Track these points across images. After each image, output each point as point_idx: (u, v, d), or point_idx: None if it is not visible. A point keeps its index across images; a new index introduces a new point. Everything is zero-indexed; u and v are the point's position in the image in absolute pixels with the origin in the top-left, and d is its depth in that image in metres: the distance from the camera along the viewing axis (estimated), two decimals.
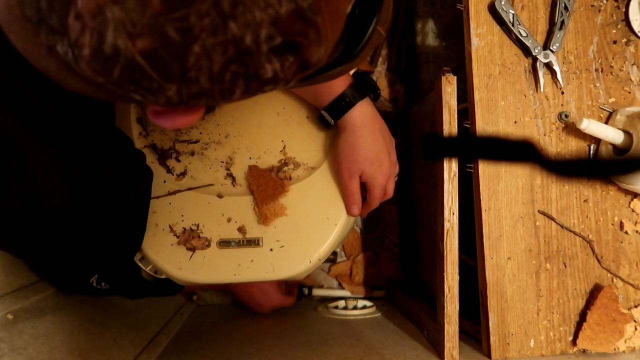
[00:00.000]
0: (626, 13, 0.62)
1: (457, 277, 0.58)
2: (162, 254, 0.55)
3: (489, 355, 0.58)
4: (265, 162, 0.58)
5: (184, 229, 0.56)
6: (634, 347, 0.59)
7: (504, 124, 0.61)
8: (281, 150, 0.58)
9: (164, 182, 0.57)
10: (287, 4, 0.21)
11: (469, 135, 0.61)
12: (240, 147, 0.58)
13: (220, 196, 0.56)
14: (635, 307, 0.60)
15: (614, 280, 0.60)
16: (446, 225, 0.58)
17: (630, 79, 0.62)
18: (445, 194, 0.58)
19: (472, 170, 0.61)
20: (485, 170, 0.60)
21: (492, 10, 0.61)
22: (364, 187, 0.58)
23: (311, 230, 0.56)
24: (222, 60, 0.21)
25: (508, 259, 0.59)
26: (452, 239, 0.58)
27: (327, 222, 0.57)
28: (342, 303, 0.86)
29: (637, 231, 0.60)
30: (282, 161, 0.58)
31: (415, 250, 0.89)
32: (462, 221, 0.59)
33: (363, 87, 0.54)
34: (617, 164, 0.53)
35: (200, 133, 0.59)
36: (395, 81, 0.98)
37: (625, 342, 0.59)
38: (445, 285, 0.57)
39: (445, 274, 0.57)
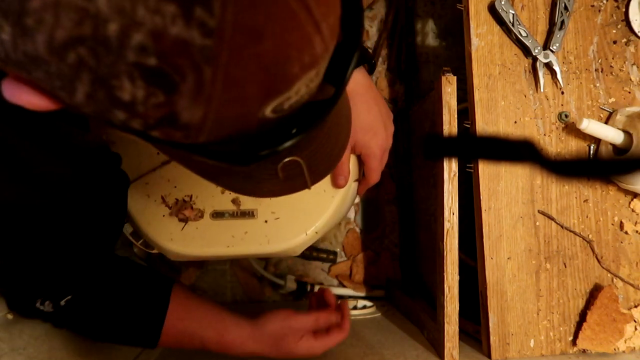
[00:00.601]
0: (626, 13, 0.62)
1: (457, 277, 0.58)
2: (153, 225, 0.54)
3: (489, 355, 0.58)
4: None
5: (177, 199, 0.54)
6: (634, 347, 0.59)
7: (504, 124, 0.61)
8: None
9: (158, 154, 0.55)
10: (180, 26, 0.17)
11: (469, 135, 0.61)
12: None
13: None
14: (635, 307, 0.60)
15: (614, 280, 0.60)
16: (446, 225, 0.58)
17: (630, 79, 0.62)
18: (445, 194, 0.58)
19: (472, 170, 0.61)
20: (485, 170, 0.60)
21: (492, 10, 0.61)
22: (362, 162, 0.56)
23: (308, 202, 0.54)
24: (71, 31, 0.16)
25: (508, 259, 0.59)
26: (452, 239, 0.58)
27: (324, 194, 0.55)
28: None
29: (637, 231, 0.60)
30: None
31: (415, 250, 0.89)
32: (462, 221, 0.59)
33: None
34: (617, 164, 0.53)
35: None
36: (395, 81, 0.98)
37: (625, 342, 0.59)
38: (445, 285, 0.57)
39: (445, 274, 0.57)
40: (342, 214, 0.62)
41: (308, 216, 0.55)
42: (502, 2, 0.60)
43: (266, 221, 0.54)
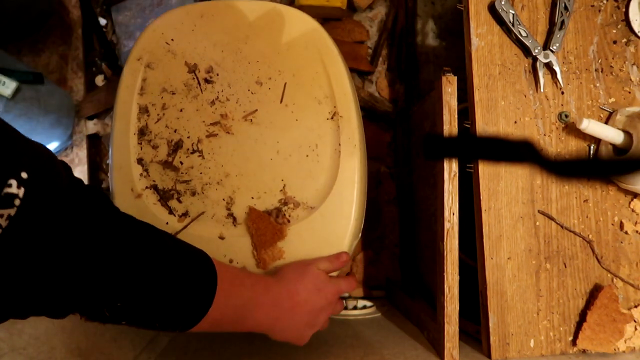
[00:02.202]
0: (626, 13, 0.62)
1: (457, 277, 0.58)
2: None
3: (489, 355, 0.58)
4: (265, 202, 0.57)
5: None
6: (634, 347, 0.59)
7: (504, 124, 0.61)
8: (281, 190, 0.57)
9: (167, 223, 0.57)
10: None
11: (469, 135, 0.62)
12: (241, 186, 0.58)
13: (221, 237, 0.57)
14: (635, 307, 0.60)
15: (614, 280, 0.60)
16: (446, 225, 0.58)
17: (630, 79, 0.62)
18: (445, 194, 0.58)
19: (472, 170, 0.61)
20: (485, 170, 0.60)
21: (492, 10, 0.61)
22: None
23: None
24: None
25: (508, 259, 0.59)
26: (453, 239, 0.58)
27: None
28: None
29: (637, 231, 0.60)
30: (282, 200, 0.57)
31: (415, 250, 0.89)
32: (462, 221, 0.59)
33: None
34: (617, 164, 0.53)
35: (201, 173, 0.58)
36: (395, 81, 0.98)
37: (625, 342, 0.59)
38: (445, 285, 0.57)
39: (445, 274, 0.57)
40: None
41: None
42: (502, 2, 0.60)
43: None
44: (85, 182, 0.62)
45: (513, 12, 0.60)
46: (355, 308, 0.85)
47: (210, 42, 0.60)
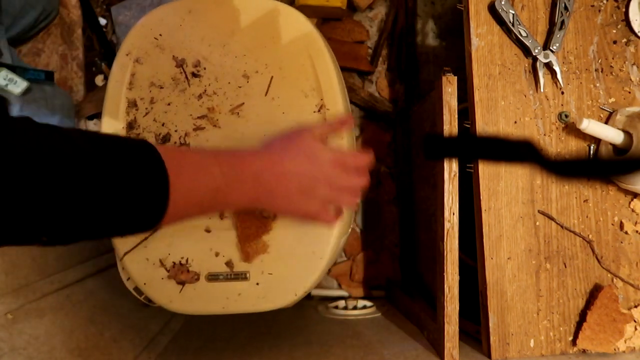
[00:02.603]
0: (626, 13, 0.62)
1: (457, 277, 0.58)
2: (154, 287, 0.56)
3: (489, 355, 0.58)
4: None
5: (174, 263, 0.57)
6: (634, 347, 0.59)
7: (504, 124, 0.61)
8: None
9: None
10: None
11: (469, 135, 0.62)
12: None
13: (208, 230, 0.57)
14: (635, 307, 0.60)
15: (614, 280, 0.60)
16: (446, 225, 0.58)
17: (630, 79, 0.62)
18: (445, 194, 0.58)
19: (472, 170, 0.61)
20: (485, 170, 0.60)
21: (492, 10, 0.61)
22: None
23: (297, 264, 0.56)
24: None
25: (508, 259, 0.59)
26: (453, 239, 0.58)
27: (313, 256, 0.56)
28: (342, 303, 0.86)
29: (637, 231, 0.60)
30: None
31: (415, 250, 0.89)
32: (462, 221, 0.59)
33: None
34: (617, 164, 0.53)
35: None
36: (395, 81, 0.98)
37: (625, 342, 0.59)
38: (445, 285, 0.57)
39: (445, 274, 0.57)
40: (330, 266, 0.64)
41: (298, 278, 0.56)
42: (502, 2, 0.60)
43: (258, 283, 0.56)
44: None
45: (513, 12, 0.60)
46: (355, 308, 0.85)
47: (198, 36, 0.60)
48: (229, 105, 0.59)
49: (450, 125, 0.59)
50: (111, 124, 0.59)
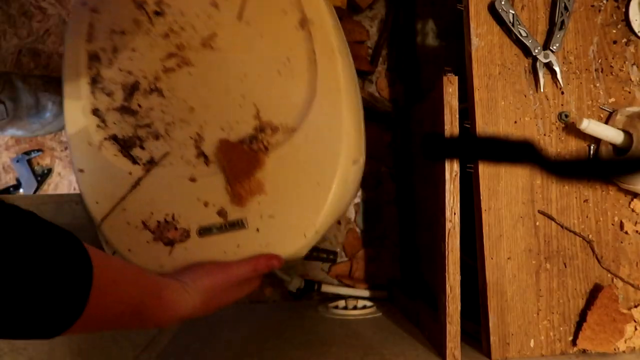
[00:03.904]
0: (626, 13, 0.62)
1: (458, 277, 0.58)
2: (140, 253, 0.50)
3: (489, 355, 0.58)
4: (238, 132, 0.51)
5: (158, 222, 0.50)
6: (634, 347, 0.59)
7: (504, 124, 0.61)
8: (254, 116, 0.51)
9: (130, 174, 0.52)
10: None
11: (469, 135, 0.62)
12: (208, 119, 0.51)
13: (193, 179, 0.51)
14: (635, 307, 0.60)
15: (614, 280, 0.60)
16: (448, 225, 0.58)
17: (630, 79, 0.62)
18: (446, 194, 0.58)
19: (472, 171, 0.61)
20: (485, 170, 0.60)
21: (492, 10, 0.61)
22: None
23: (301, 200, 0.49)
24: None
25: (508, 259, 0.59)
26: (454, 239, 0.58)
27: (318, 188, 0.49)
28: (342, 303, 0.86)
29: (637, 231, 0.61)
30: (258, 127, 0.50)
31: (415, 250, 0.89)
32: (462, 221, 0.59)
33: None
34: (617, 164, 0.53)
35: (163, 112, 0.52)
36: (395, 81, 0.98)
37: (625, 342, 0.59)
38: (446, 285, 0.57)
39: (446, 274, 0.57)
40: (343, 207, 0.55)
41: (304, 216, 0.50)
42: (502, 2, 0.60)
43: (258, 230, 0.50)
44: None
45: (513, 12, 0.60)
46: (355, 308, 0.85)
47: None
48: (199, 39, 0.53)
49: (451, 125, 0.59)
50: (73, 82, 0.53)
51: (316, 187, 0.49)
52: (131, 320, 0.38)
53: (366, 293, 0.91)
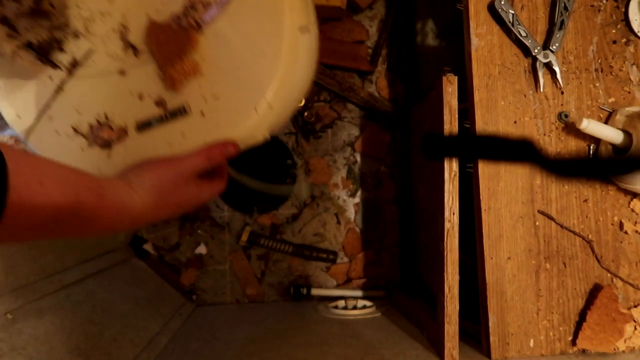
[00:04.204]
0: (626, 13, 0.62)
1: (457, 277, 0.58)
2: (75, 163, 0.43)
3: (488, 355, 0.58)
4: (167, 13, 0.45)
5: (90, 124, 0.46)
6: (634, 347, 0.59)
7: (503, 124, 0.61)
8: None
9: (51, 78, 0.47)
10: None
11: (468, 135, 0.62)
12: (130, 6, 0.46)
13: (122, 72, 0.46)
14: (635, 307, 0.60)
15: (614, 280, 0.60)
16: (447, 225, 0.58)
17: (630, 79, 0.62)
18: (445, 194, 0.58)
19: (472, 170, 0.61)
20: (485, 170, 0.60)
21: (492, 10, 0.61)
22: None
23: (246, 74, 0.45)
24: None
25: (508, 259, 0.59)
26: (453, 238, 0.58)
27: (265, 57, 0.44)
28: (342, 303, 0.86)
29: (636, 231, 0.61)
30: (188, 4, 0.45)
31: (415, 250, 0.89)
32: (462, 221, 0.59)
33: None
34: (617, 163, 0.53)
35: (78, 7, 0.46)
36: (395, 81, 0.98)
37: (625, 342, 0.59)
38: (445, 285, 0.57)
39: (445, 273, 0.57)
40: (297, 79, 0.48)
41: (252, 89, 0.45)
42: (502, 2, 0.60)
43: (202, 113, 0.45)
44: None
45: (513, 12, 0.60)
46: (355, 308, 0.85)
47: None
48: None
49: (450, 125, 0.59)
50: None
51: (262, 57, 0.44)
52: (71, 223, 0.35)
53: (359, 293, 0.91)
